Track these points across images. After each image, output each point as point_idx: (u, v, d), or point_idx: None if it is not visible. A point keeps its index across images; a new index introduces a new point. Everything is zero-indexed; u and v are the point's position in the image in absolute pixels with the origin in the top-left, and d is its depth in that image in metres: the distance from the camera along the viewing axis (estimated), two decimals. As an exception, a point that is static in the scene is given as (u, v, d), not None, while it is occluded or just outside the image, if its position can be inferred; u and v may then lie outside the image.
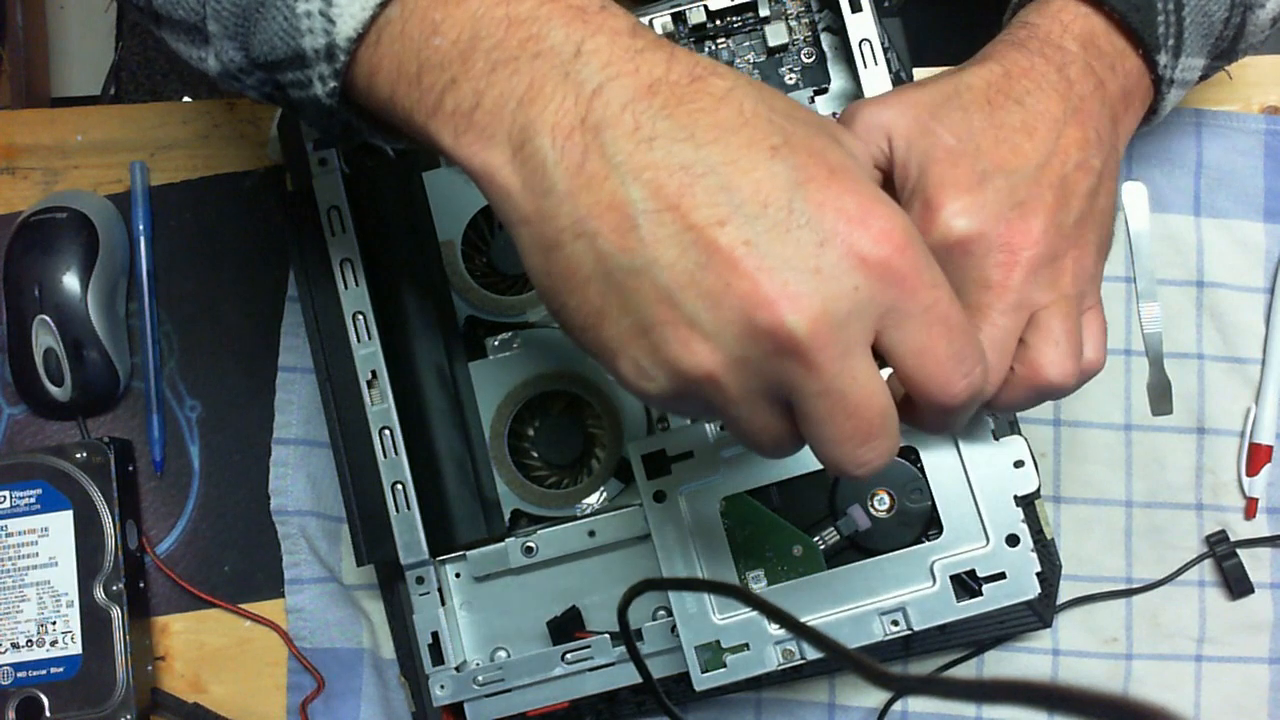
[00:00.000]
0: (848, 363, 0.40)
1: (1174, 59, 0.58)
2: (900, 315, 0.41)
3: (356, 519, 0.65)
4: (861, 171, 0.42)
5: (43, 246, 0.75)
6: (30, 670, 0.72)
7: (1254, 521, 0.75)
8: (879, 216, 0.41)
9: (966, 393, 0.43)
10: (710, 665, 0.60)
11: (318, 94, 0.47)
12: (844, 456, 0.42)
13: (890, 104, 0.55)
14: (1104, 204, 0.56)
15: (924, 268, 0.41)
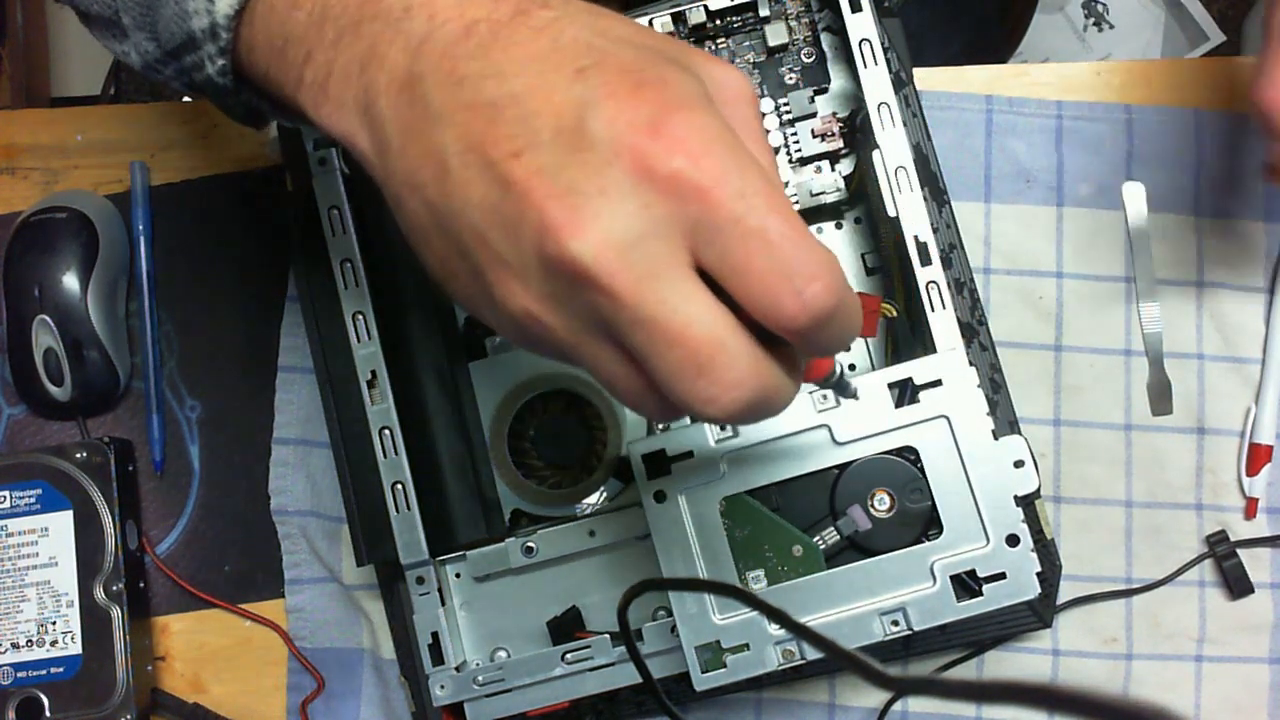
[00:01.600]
0: (653, 287, 0.37)
1: None
2: (708, 231, 0.38)
3: (356, 519, 0.65)
4: (684, 83, 0.39)
5: (43, 246, 0.75)
6: (30, 670, 0.72)
7: (1254, 521, 0.75)
8: (674, 124, 0.37)
9: (802, 313, 0.38)
10: (710, 665, 0.60)
11: (211, 74, 0.48)
12: (684, 394, 0.39)
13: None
14: None
15: (728, 175, 0.37)
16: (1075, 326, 0.76)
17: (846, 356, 0.70)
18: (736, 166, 0.37)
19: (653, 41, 0.41)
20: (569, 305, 0.39)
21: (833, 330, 0.39)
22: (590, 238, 0.37)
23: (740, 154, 0.38)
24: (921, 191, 0.63)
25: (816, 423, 0.61)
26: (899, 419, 0.61)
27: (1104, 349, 0.76)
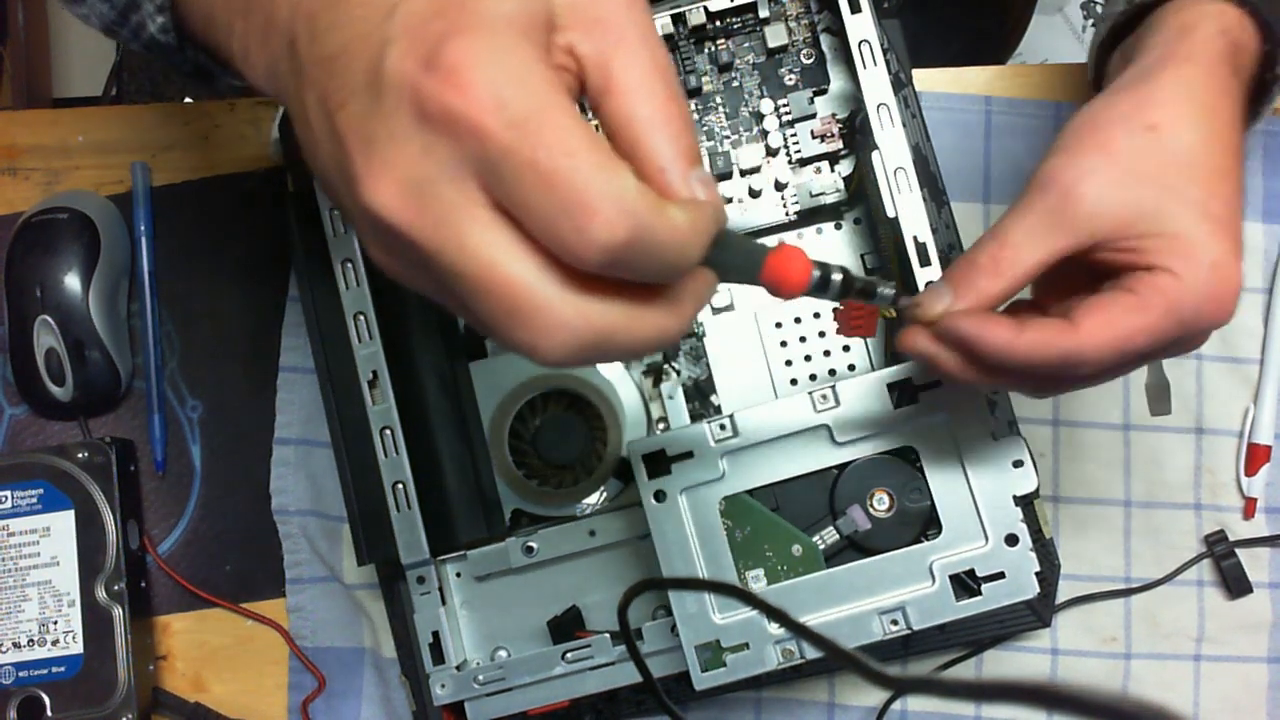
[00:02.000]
0: (451, 234, 0.35)
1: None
2: (489, 168, 0.35)
3: (357, 518, 0.65)
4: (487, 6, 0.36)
5: (44, 247, 0.75)
6: (32, 670, 0.72)
7: (1252, 521, 0.75)
8: (448, 53, 0.35)
9: (592, 250, 0.35)
10: (710, 664, 0.60)
11: (154, 33, 0.49)
12: (507, 342, 0.37)
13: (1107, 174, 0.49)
14: None
15: (496, 104, 0.34)
16: (1074, 327, 0.76)
17: (846, 357, 0.70)
18: (509, 92, 0.34)
19: None
20: (396, 254, 0.38)
21: (646, 264, 0.36)
22: (382, 187, 0.36)
23: (518, 77, 0.35)
24: (921, 192, 0.63)
25: (816, 423, 0.62)
26: (898, 419, 0.61)
27: (1103, 349, 0.75)
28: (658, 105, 0.38)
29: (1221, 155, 0.48)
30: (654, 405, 0.68)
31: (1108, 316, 0.47)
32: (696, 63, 0.69)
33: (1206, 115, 0.49)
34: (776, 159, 0.69)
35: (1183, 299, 0.46)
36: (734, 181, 0.69)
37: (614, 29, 0.38)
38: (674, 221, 0.36)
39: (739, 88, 0.69)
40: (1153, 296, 0.47)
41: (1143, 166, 0.48)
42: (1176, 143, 0.48)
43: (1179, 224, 0.47)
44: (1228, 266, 0.47)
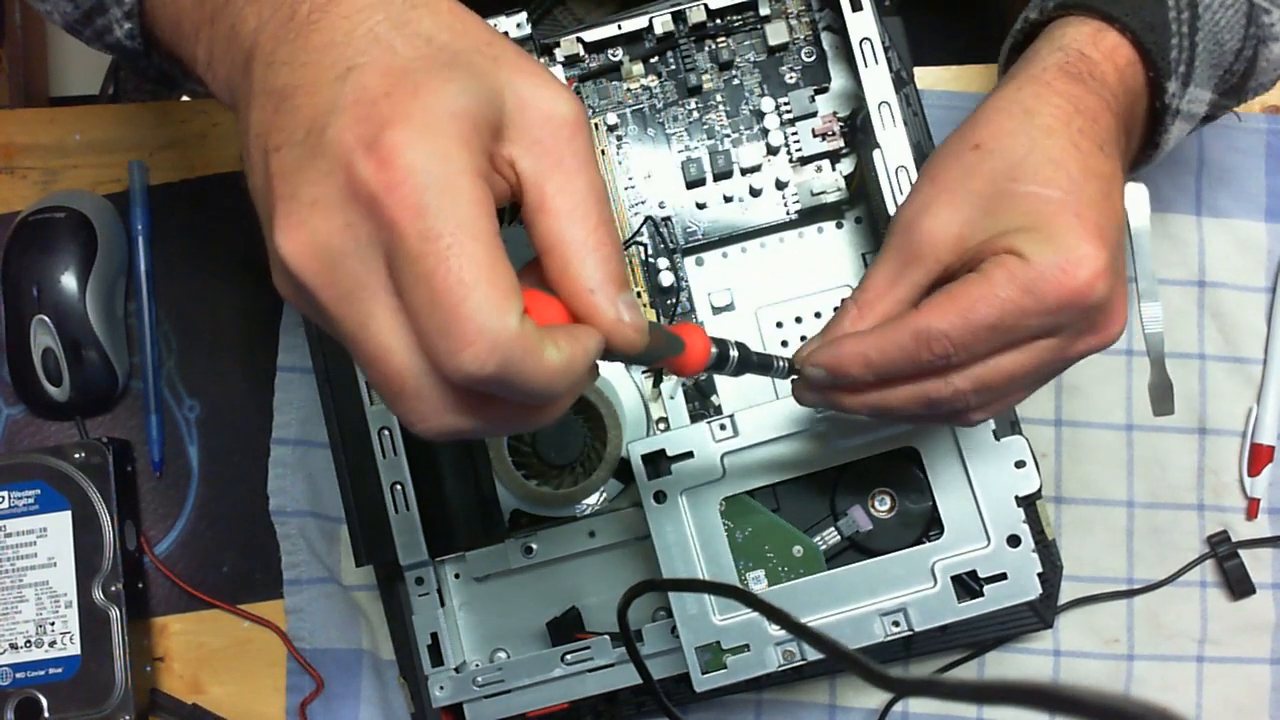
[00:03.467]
0: (354, 308, 0.37)
1: (1182, 88, 0.55)
2: (395, 262, 0.36)
3: (355, 519, 0.65)
4: (441, 94, 0.37)
5: (41, 246, 0.74)
6: (29, 671, 0.72)
7: (1255, 522, 0.75)
8: (388, 142, 0.35)
9: (458, 374, 0.36)
10: (710, 666, 0.60)
11: (120, 37, 0.49)
12: (391, 410, 0.39)
13: (942, 205, 0.51)
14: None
15: (417, 209, 0.35)
16: (1076, 326, 0.75)
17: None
18: (434, 201, 0.35)
19: (459, 41, 0.39)
20: (299, 298, 0.39)
21: (510, 393, 0.38)
22: (295, 241, 0.37)
23: (447, 188, 0.36)
24: (922, 191, 0.63)
25: (817, 423, 0.61)
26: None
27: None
28: (589, 230, 0.39)
29: (1058, 150, 0.49)
30: (654, 405, 0.68)
31: (949, 293, 0.49)
32: (697, 61, 0.69)
33: (1028, 118, 0.50)
34: (777, 157, 0.69)
35: (1025, 270, 0.47)
36: (735, 180, 0.69)
37: (554, 152, 0.39)
38: (547, 362, 0.37)
39: (740, 86, 0.69)
40: (994, 271, 0.48)
41: (971, 184, 0.50)
42: (999, 152, 0.50)
43: (1014, 219, 0.48)
44: (1073, 240, 0.47)
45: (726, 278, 0.70)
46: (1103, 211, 0.48)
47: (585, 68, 0.69)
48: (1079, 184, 0.49)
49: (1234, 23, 0.56)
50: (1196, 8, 0.54)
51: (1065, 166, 0.49)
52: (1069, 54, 0.53)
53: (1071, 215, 0.48)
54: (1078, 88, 0.51)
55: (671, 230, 0.69)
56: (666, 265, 0.69)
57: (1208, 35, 0.55)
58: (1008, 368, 0.49)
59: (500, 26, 0.64)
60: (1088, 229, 0.48)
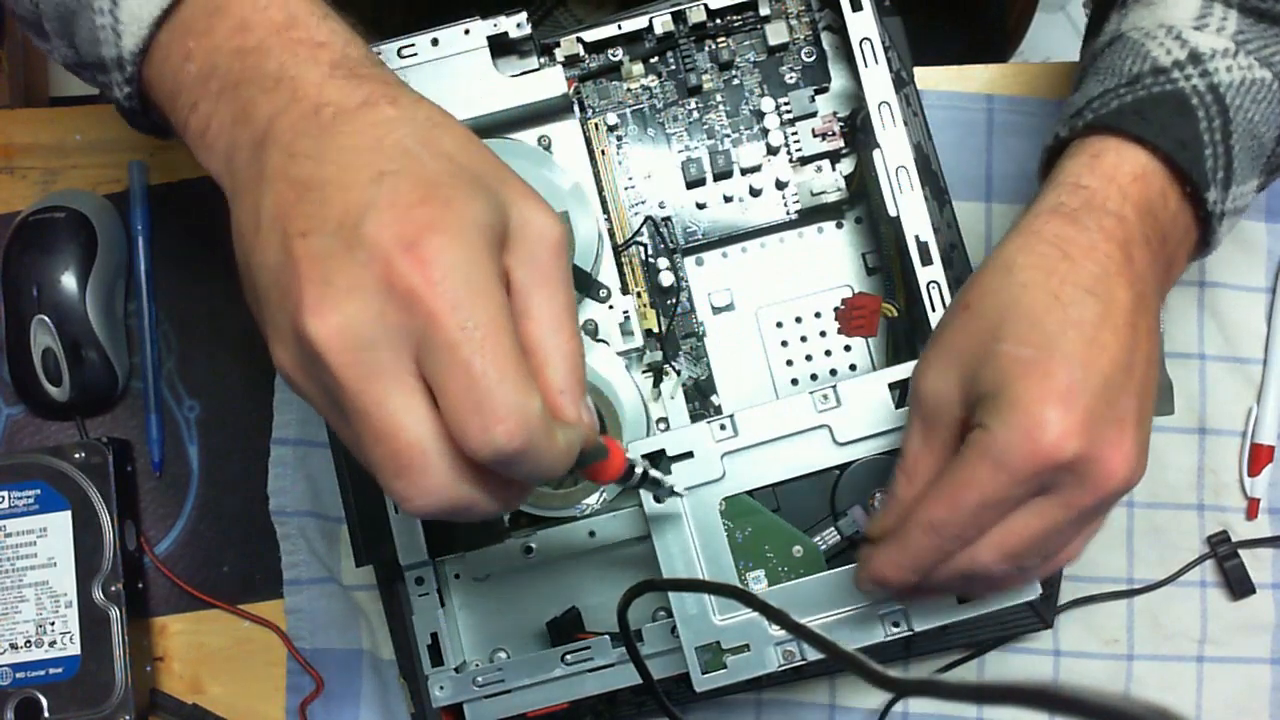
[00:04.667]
0: (374, 386, 0.41)
1: (1223, 191, 0.54)
2: (428, 348, 0.41)
3: (355, 519, 0.65)
4: (468, 209, 0.42)
5: (41, 246, 0.74)
6: (29, 671, 0.72)
7: (1255, 522, 0.75)
8: (427, 244, 0.41)
9: (485, 448, 0.41)
10: (710, 666, 0.60)
11: (119, 98, 0.52)
12: (384, 484, 0.42)
13: (935, 367, 0.52)
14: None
15: (456, 304, 0.40)
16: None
17: (848, 357, 0.69)
18: (469, 298, 0.41)
19: (477, 163, 0.45)
20: (312, 378, 0.43)
21: (522, 469, 0.42)
22: (326, 324, 0.40)
23: (481, 289, 0.41)
24: (922, 191, 0.63)
25: (817, 423, 0.61)
26: (899, 419, 0.61)
27: (1105, 349, 0.75)
28: (564, 339, 0.45)
29: (1035, 305, 0.49)
30: (654, 405, 0.68)
31: (940, 481, 0.50)
32: (697, 61, 0.69)
33: (1008, 274, 0.50)
34: (777, 157, 0.69)
35: (989, 445, 0.48)
36: (735, 180, 0.69)
37: (544, 267, 0.45)
38: (558, 443, 0.43)
39: (740, 86, 0.69)
40: (966, 451, 0.49)
41: (960, 345, 0.51)
42: (982, 311, 0.51)
43: (989, 383, 0.49)
44: (1033, 406, 0.47)
45: (726, 278, 0.70)
46: (1080, 364, 0.48)
47: (585, 68, 0.69)
48: (1054, 339, 0.48)
49: (1269, 115, 0.55)
50: (1228, 112, 0.53)
51: (1041, 323, 0.49)
52: (1060, 191, 0.53)
53: (1040, 376, 0.48)
54: (1069, 229, 0.51)
55: (671, 230, 0.69)
56: (666, 265, 0.69)
57: (1243, 134, 0.54)
58: (1021, 532, 0.50)
59: (500, 26, 0.64)
60: (1054, 389, 0.47)
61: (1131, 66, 0.55)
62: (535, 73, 0.65)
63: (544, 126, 0.67)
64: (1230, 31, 0.55)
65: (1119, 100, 0.54)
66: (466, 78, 0.64)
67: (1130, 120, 0.53)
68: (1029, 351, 0.48)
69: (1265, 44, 0.55)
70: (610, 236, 0.68)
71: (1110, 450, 0.48)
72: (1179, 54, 0.54)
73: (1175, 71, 0.54)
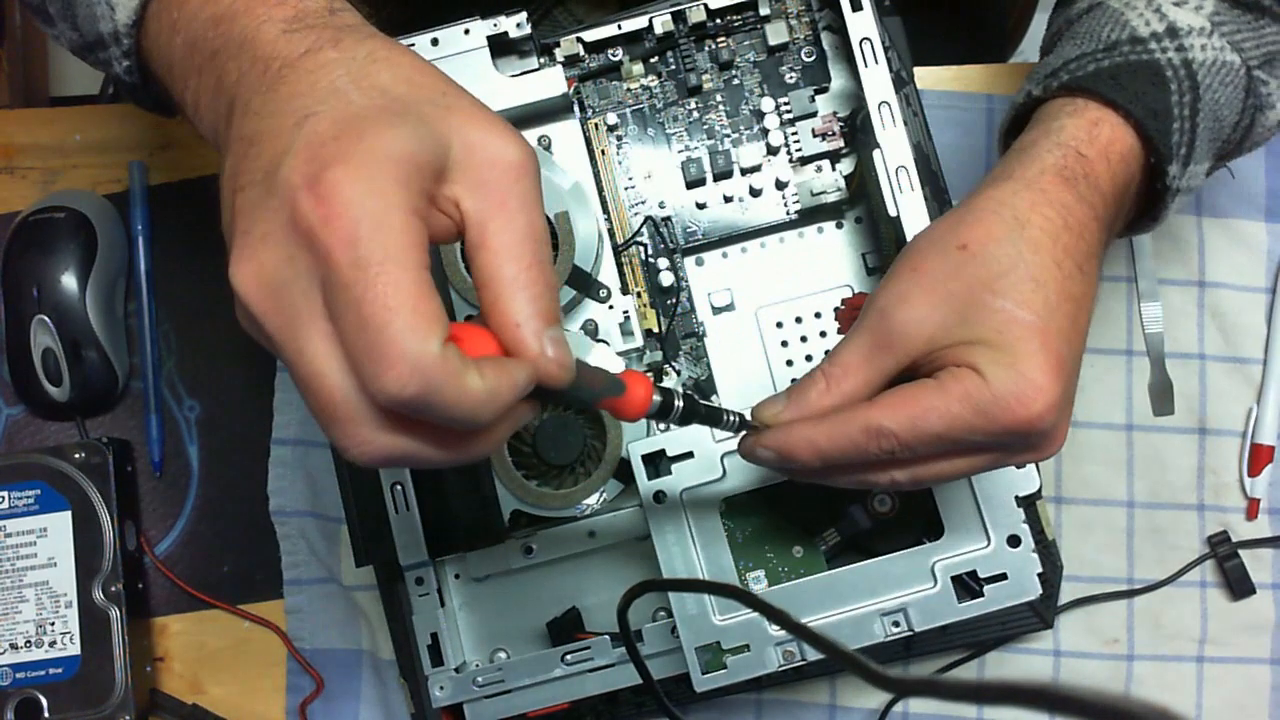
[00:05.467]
0: (294, 334, 0.39)
1: (1183, 168, 0.55)
2: (329, 290, 0.39)
3: (355, 520, 0.65)
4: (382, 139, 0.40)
5: (41, 246, 0.74)
6: (29, 671, 0.72)
7: (1255, 522, 0.75)
8: (327, 179, 0.39)
9: (381, 395, 0.38)
10: (711, 666, 0.60)
11: (119, 72, 0.53)
12: (326, 434, 0.41)
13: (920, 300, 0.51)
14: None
15: (350, 239, 0.38)
16: (1076, 326, 0.75)
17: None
18: (367, 233, 0.38)
19: (415, 93, 0.43)
20: (252, 327, 0.42)
21: (432, 415, 0.40)
22: (243, 272, 0.40)
23: (381, 222, 0.39)
24: (922, 191, 0.63)
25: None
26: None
27: (1105, 349, 0.75)
28: (523, 267, 0.42)
29: (1041, 269, 0.49)
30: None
31: (904, 395, 0.49)
32: (697, 61, 0.69)
33: (1018, 228, 0.50)
34: (777, 157, 0.69)
35: (981, 391, 0.48)
36: (735, 180, 0.69)
37: (496, 193, 0.42)
38: (469, 387, 0.40)
39: (740, 86, 0.69)
40: (951, 384, 0.49)
41: (952, 285, 0.50)
42: (985, 259, 0.50)
43: (984, 332, 0.49)
44: (1033, 370, 0.48)
45: (726, 278, 0.70)
46: (1068, 340, 0.49)
47: (585, 68, 0.69)
48: (1053, 309, 0.49)
49: (1233, 98, 0.56)
50: (1198, 89, 0.54)
51: (1045, 288, 0.49)
52: (1066, 154, 0.53)
53: (1038, 342, 0.48)
54: (1070, 195, 0.51)
55: (671, 230, 0.69)
56: (666, 265, 0.69)
57: (1208, 114, 0.55)
58: (946, 471, 0.51)
59: (500, 26, 0.64)
60: (1050, 359, 0.48)
61: (1110, 33, 0.56)
62: (535, 73, 0.65)
63: (544, 126, 0.67)
64: (1208, 12, 0.56)
65: (1096, 64, 0.55)
66: (466, 78, 0.64)
67: (1106, 84, 0.54)
68: (1030, 316, 0.49)
69: (1238, 29, 0.56)
70: (610, 236, 0.68)
71: (1062, 429, 0.50)
72: (1157, 26, 0.55)
73: (1153, 43, 0.55)
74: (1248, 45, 0.56)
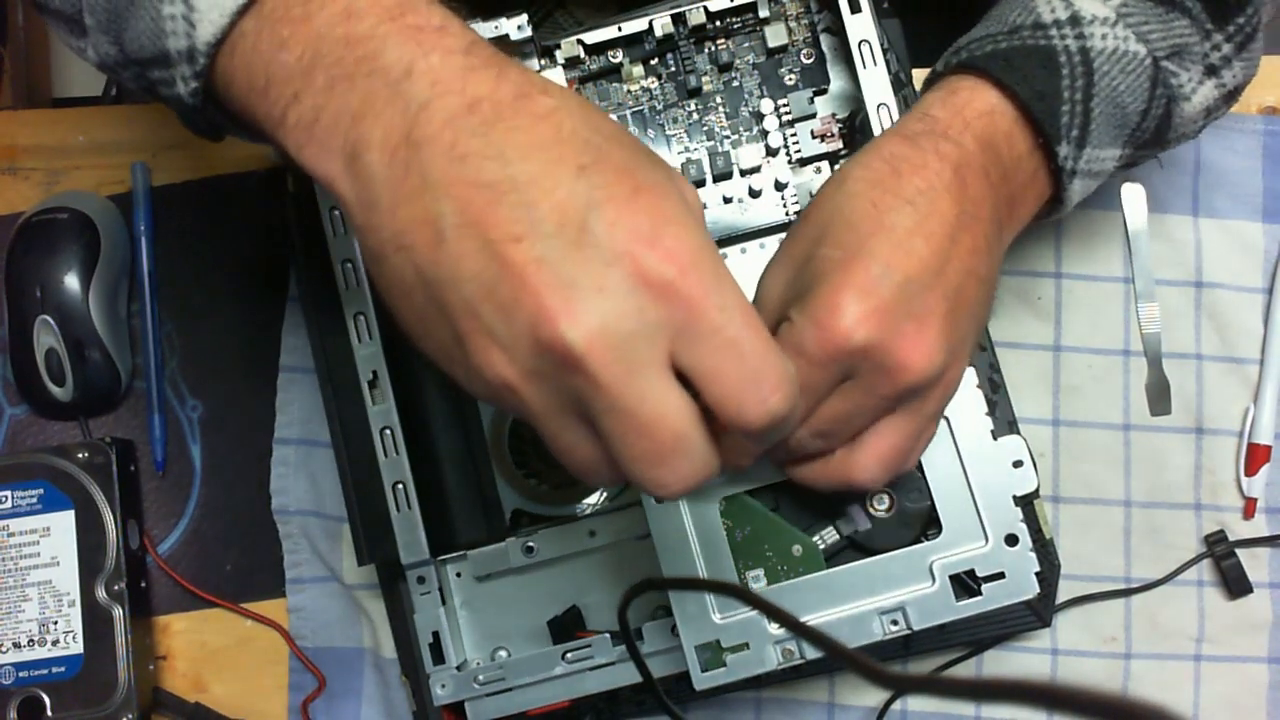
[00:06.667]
0: (635, 381, 0.40)
1: (1077, 150, 0.57)
2: (690, 337, 0.41)
3: (357, 518, 0.65)
4: (671, 189, 0.43)
5: (44, 247, 0.74)
6: (32, 670, 0.72)
7: (1252, 521, 0.75)
8: (669, 236, 0.41)
9: (763, 418, 0.42)
10: (710, 664, 0.60)
11: (180, 93, 0.49)
12: (641, 476, 0.42)
13: (772, 270, 0.56)
14: (985, 316, 0.57)
15: (711, 290, 0.41)
16: (1074, 327, 0.76)
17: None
18: (716, 281, 0.41)
19: (632, 141, 0.44)
20: (549, 383, 0.42)
21: (781, 430, 0.43)
22: (585, 327, 0.40)
23: (720, 270, 0.42)
24: (921, 192, 0.63)
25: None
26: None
27: (1103, 349, 0.76)
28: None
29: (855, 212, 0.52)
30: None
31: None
32: (696, 62, 0.69)
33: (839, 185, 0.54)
34: (777, 159, 0.69)
35: (791, 335, 0.51)
36: (734, 181, 0.69)
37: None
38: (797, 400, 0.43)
39: (739, 87, 0.69)
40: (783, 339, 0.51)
41: (792, 250, 0.55)
42: (813, 220, 0.54)
43: (804, 284, 0.52)
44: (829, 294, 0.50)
45: (726, 278, 0.70)
46: (883, 263, 0.51)
47: (585, 69, 0.69)
48: (863, 241, 0.51)
49: (1135, 86, 0.57)
50: (1092, 75, 0.56)
51: (857, 227, 0.52)
52: (911, 118, 0.56)
53: (842, 273, 0.51)
54: (905, 148, 0.54)
55: (672, 231, 0.69)
56: (667, 266, 0.69)
57: (1105, 100, 0.57)
58: (826, 411, 0.52)
59: (502, 29, 0.64)
60: (851, 283, 0.50)
61: (1016, 18, 0.58)
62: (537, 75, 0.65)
63: (545, 128, 0.67)
64: (1116, 2, 0.57)
65: (994, 45, 0.57)
66: (468, 80, 0.64)
67: (998, 66, 0.56)
68: (839, 253, 0.51)
69: (1146, 20, 0.57)
70: (611, 237, 0.68)
71: (904, 342, 0.50)
72: (1061, 13, 0.57)
73: (1053, 29, 0.57)
74: (1154, 36, 0.57)
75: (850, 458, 0.54)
